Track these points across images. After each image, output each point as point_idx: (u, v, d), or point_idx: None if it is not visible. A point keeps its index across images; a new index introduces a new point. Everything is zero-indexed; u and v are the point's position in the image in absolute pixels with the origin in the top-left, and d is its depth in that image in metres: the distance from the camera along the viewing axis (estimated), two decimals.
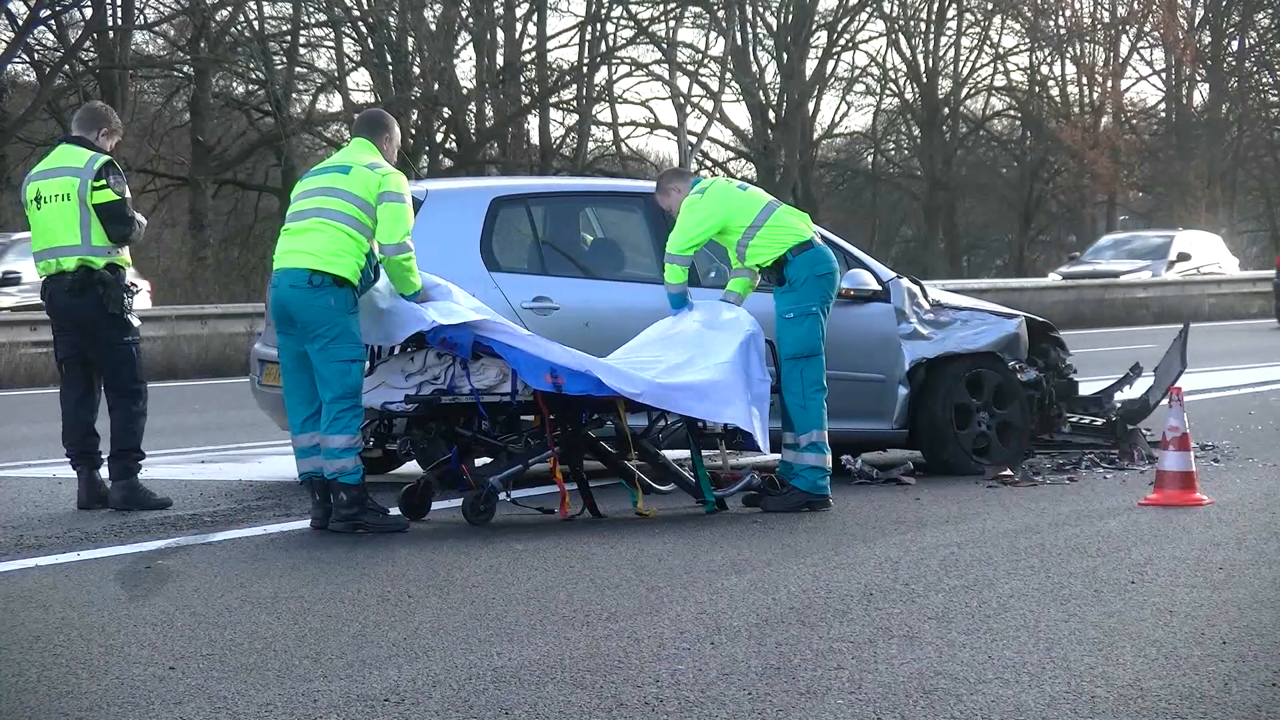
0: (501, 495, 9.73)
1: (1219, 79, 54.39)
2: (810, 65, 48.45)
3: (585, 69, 44.14)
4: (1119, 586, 7.63)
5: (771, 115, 47.76)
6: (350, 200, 9.38)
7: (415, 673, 6.17)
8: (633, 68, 45.26)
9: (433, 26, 39.77)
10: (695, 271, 11.22)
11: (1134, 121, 55.32)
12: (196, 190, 37.24)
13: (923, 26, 51.29)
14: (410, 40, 39.51)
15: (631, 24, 44.57)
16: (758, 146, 47.56)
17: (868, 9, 49.65)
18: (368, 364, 9.96)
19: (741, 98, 47.84)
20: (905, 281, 11.92)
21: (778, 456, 10.44)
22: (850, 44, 50.39)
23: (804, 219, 10.45)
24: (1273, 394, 17.24)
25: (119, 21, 35.59)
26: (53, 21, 35.89)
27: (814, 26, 48.09)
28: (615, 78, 45.57)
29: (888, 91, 52.59)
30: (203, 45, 37.03)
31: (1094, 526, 9.40)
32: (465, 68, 42.29)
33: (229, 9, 37.98)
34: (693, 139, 44.36)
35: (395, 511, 9.69)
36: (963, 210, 54.67)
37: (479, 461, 10.28)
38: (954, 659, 6.28)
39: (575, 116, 44.35)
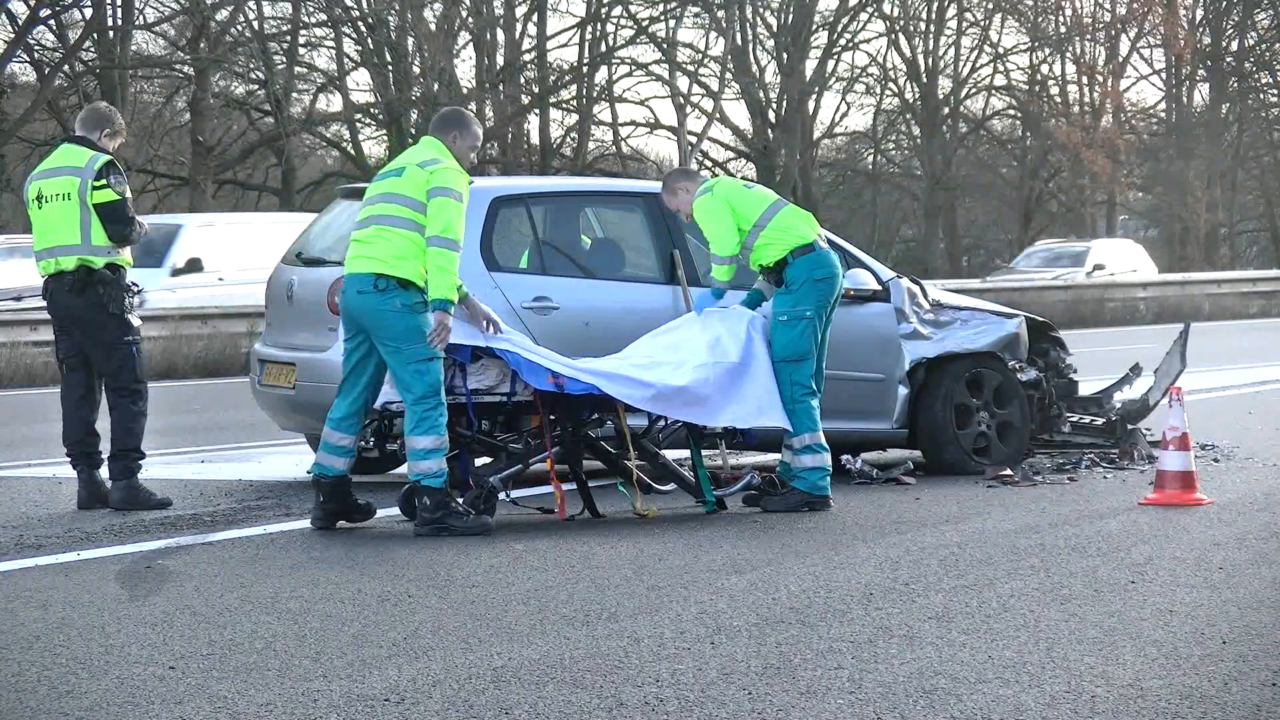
0: (501, 495, 9.73)
1: (1219, 79, 54.39)
2: (810, 65, 48.44)
3: (585, 69, 44.15)
4: (1119, 586, 7.63)
5: (771, 115, 47.75)
6: (404, 203, 9.38)
7: (415, 673, 6.18)
8: (633, 68, 45.26)
9: (433, 26, 39.77)
10: (695, 270, 11.24)
11: (1134, 121, 55.32)
12: (196, 190, 37.24)
13: (923, 26, 51.28)
14: (410, 40, 39.51)
15: (631, 24, 44.57)
16: (758, 146, 47.56)
17: (868, 9, 49.63)
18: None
19: (741, 98, 47.84)
20: (905, 281, 11.92)
21: (777, 456, 10.44)
22: (850, 44, 50.39)
23: (809, 220, 10.44)
24: (1273, 394, 17.23)
25: (119, 21, 35.60)
26: (53, 21, 35.89)
27: (814, 26, 48.08)
28: (615, 78, 45.59)
29: (888, 91, 52.61)
30: (203, 45, 37.03)
31: (1094, 526, 9.41)
32: (465, 68, 42.31)
33: (229, 9, 37.98)
34: (693, 139, 44.36)
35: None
36: (963, 210, 54.68)
37: (479, 461, 10.28)
38: (954, 659, 6.28)
39: (575, 116, 44.37)
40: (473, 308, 9.65)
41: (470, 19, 41.33)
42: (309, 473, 9.72)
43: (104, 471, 10.52)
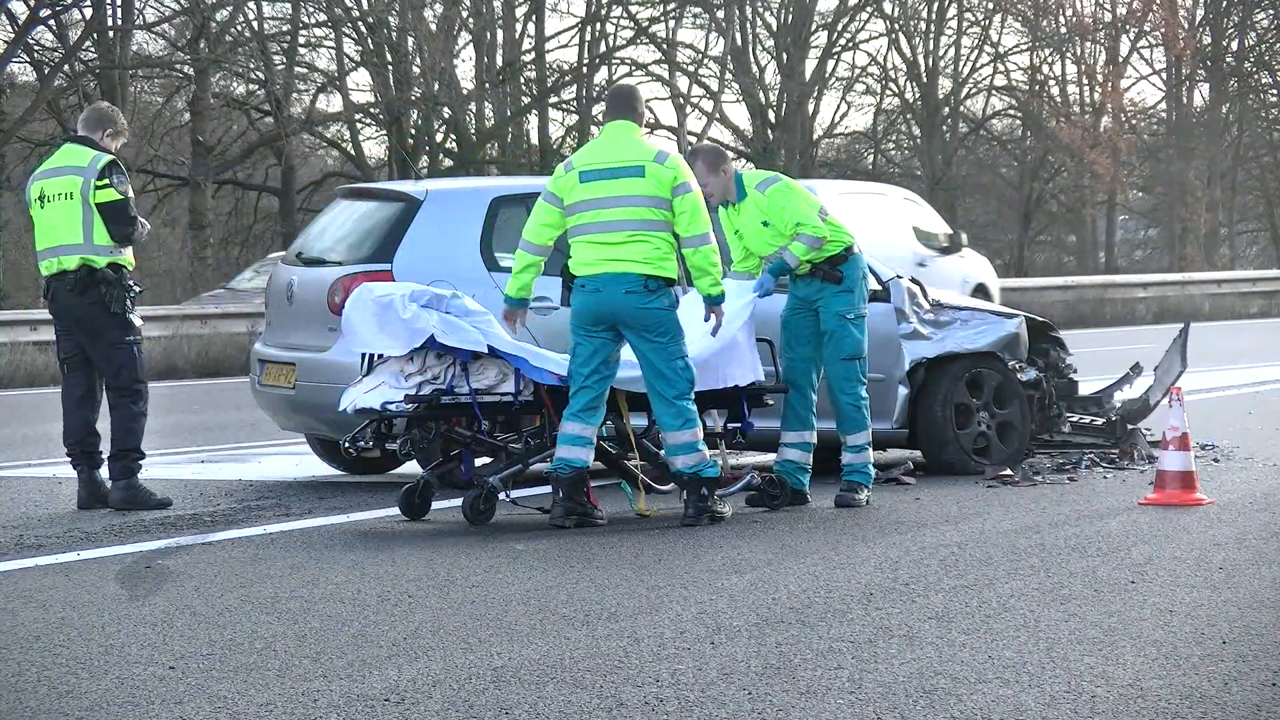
0: (501, 495, 9.73)
1: (1219, 79, 54.37)
2: (810, 65, 48.42)
3: (585, 69, 44.14)
4: (1119, 586, 7.63)
5: (771, 115, 47.73)
6: (653, 204, 9.54)
7: (415, 673, 6.18)
8: (633, 68, 45.22)
9: (433, 26, 39.75)
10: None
11: (1134, 121, 55.30)
12: (196, 190, 37.22)
13: (923, 26, 51.25)
14: (410, 40, 39.48)
15: (631, 24, 44.54)
16: (758, 146, 47.53)
17: (868, 9, 49.59)
18: (365, 365, 9.99)
19: (741, 98, 47.81)
20: (905, 281, 11.93)
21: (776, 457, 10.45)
22: (850, 44, 50.33)
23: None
24: (1273, 394, 17.23)
25: (119, 21, 35.57)
26: (53, 21, 35.85)
27: (814, 26, 48.06)
28: (615, 78, 45.55)
29: (888, 91, 52.55)
30: (203, 45, 37.00)
31: (1094, 526, 9.41)
32: (465, 68, 42.27)
33: (229, 9, 37.95)
34: (693, 139, 44.33)
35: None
36: (963, 210, 54.66)
37: (479, 461, 10.28)
38: (954, 659, 6.28)
39: (575, 116, 44.34)
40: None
41: (470, 19, 41.31)
42: (548, 470, 9.71)
43: (104, 471, 10.53)
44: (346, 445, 9.94)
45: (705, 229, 9.60)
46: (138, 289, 10.63)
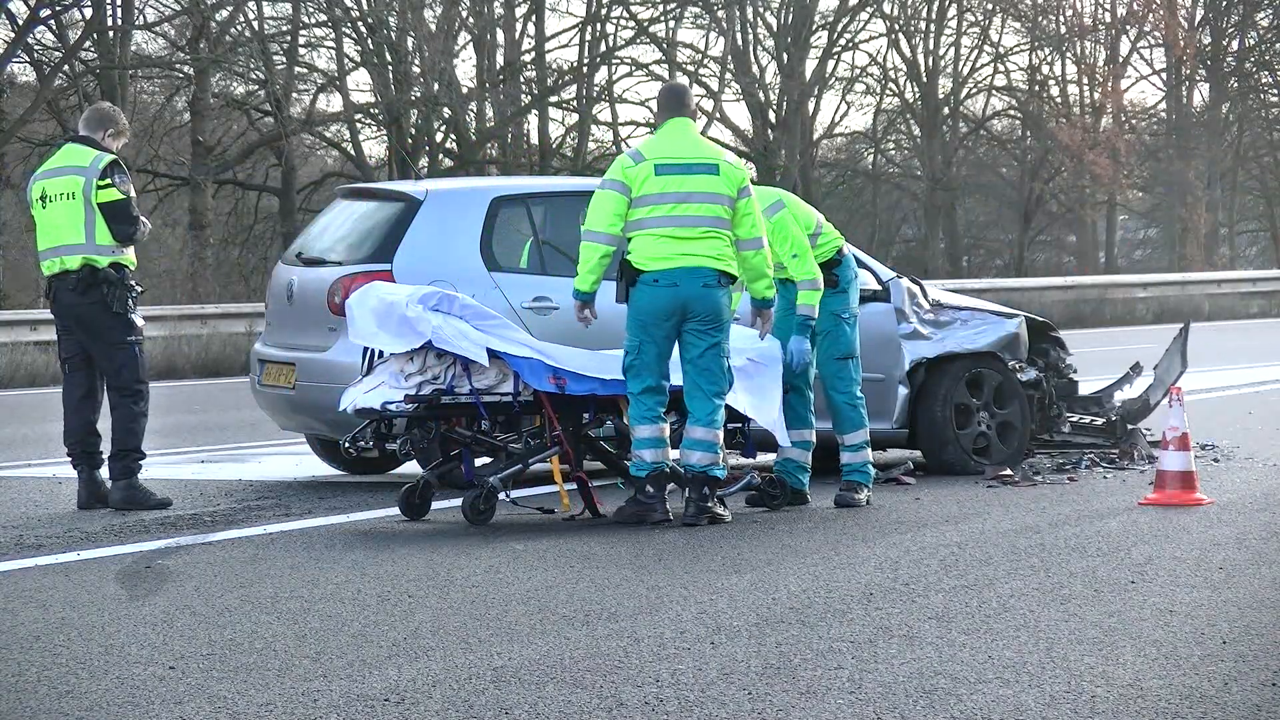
0: (501, 495, 9.73)
1: (1219, 79, 54.37)
2: (810, 65, 48.42)
3: (585, 69, 44.13)
4: (1119, 586, 7.63)
5: (771, 115, 47.73)
6: (724, 203, 9.62)
7: (415, 673, 6.18)
8: (633, 68, 45.23)
9: (433, 26, 39.74)
10: None
11: (1134, 121, 55.30)
12: (196, 190, 37.21)
13: (923, 26, 51.25)
14: (410, 40, 39.48)
15: (631, 24, 44.53)
16: (758, 146, 47.53)
17: (868, 9, 49.58)
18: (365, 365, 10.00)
19: (741, 98, 47.82)
20: (905, 281, 11.93)
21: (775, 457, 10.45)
22: (850, 44, 50.32)
23: None
24: (1273, 394, 17.23)
25: (119, 21, 35.56)
26: (53, 21, 35.85)
27: (814, 26, 48.06)
28: (615, 78, 45.55)
29: (888, 91, 52.55)
30: (203, 45, 37.00)
31: (1094, 526, 9.41)
32: (465, 68, 42.27)
33: (229, 9, 37.95)
34: None
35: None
36: (963, 210, 54.65)
37: (479, 461, 10.28)
38: (954, 659, 6.28)
39: (575, 116, 44.34)
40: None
41: (470, 19, 41.31)
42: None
43: (104, 471, 10.53)
44: (346, 445, 9.94)
45: (762, 232, 9.72)
46: (139, 289, 10.63)
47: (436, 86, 38.94)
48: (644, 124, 48.25)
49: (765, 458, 11.47)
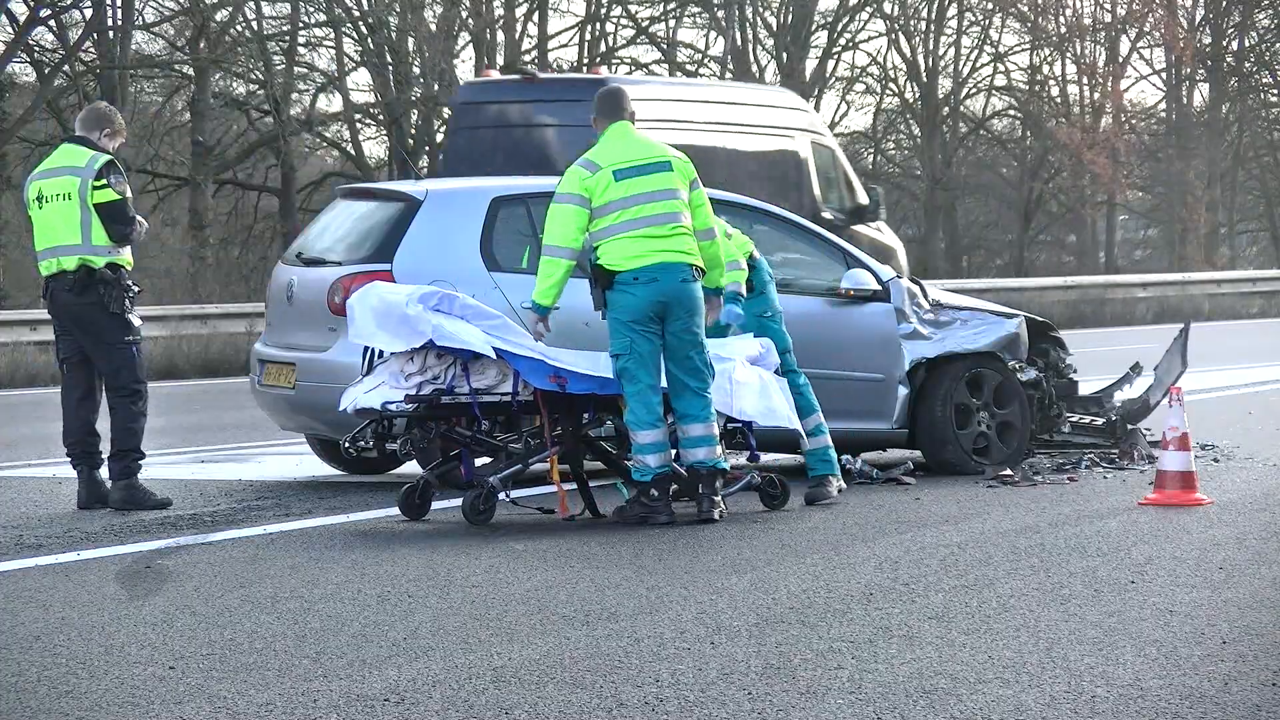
0: (501, 495, 9.73)
1: (1219, 79, 54.36)
2: (810, 65, 48.42)
3: (585, 69, 44.12)
4: (1119, 586, 7.63)
5: None
6: (681, 198, 9.72)
7: (415, 673, 6.18)
8: (633, 68, 45.24)
9: (433, 27, 39.75)
10: None
11: (1134, 121, 55.30)
12: (196, 190, 37.21)
13: (923, 26, 51.25)
14: (410, 40, 39.48)
15: (631, 24, 44.56)
16: None
17: (868, 9, 49.60)
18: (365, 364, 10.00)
19: None
20: (905, 281, 11.93)
21: (775, 457, 10.46)
22: (850, 44, 50.35)
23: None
24: (1273, 394, 17.23)
25: (119, 21, 35.55)
26: (53, 21, 35.85)
27: (814, 26, 48.07)
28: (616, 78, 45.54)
29: (888, 91, 52.56)
30: (203, 45, 36.99)
31: (1094, 526, 9.41)
32: (465, 68, 42.29)
33: (229, 9, 37.95)
34: None
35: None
36: (963, 210, 54.65)
37: (479, 461, 10.28)
38: (954, 659, 6.28)
39: None
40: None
41: (470, 19, 41.31)
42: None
43: (104, 471, 10.53)
44: (346, 445, 9.94)
45: (714, 223, 9.85)
46: (136, 289, 10.62)
47: (436, 86, 38.94)
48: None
49: (766, 458, 11.47)
